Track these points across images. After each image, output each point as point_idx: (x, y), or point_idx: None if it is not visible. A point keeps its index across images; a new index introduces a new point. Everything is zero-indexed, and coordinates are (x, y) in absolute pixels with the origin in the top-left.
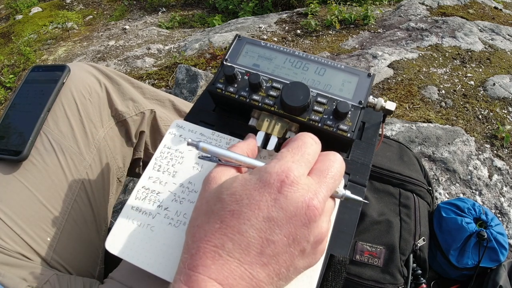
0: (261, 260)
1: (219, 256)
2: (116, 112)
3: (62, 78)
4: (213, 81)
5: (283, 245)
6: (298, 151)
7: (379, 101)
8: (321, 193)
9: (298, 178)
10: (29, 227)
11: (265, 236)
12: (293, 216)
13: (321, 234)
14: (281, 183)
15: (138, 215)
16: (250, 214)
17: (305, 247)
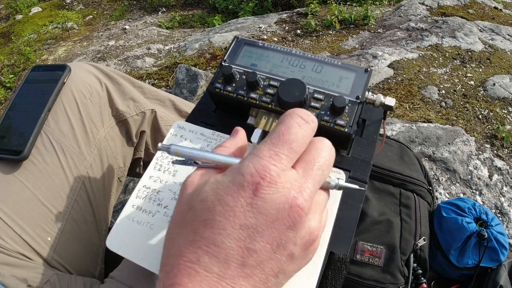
0: (244, 272)
1: (196, 272)
2: (117, 111)
3: (62, 78)
4: (212, 81)
5: (267, 253)
6: (278, 141)
7: (378, 97)
8: (307, 188)
9: (276, 176)
10: (29, 227)
11: (244, 245)
12: (275, 220)
13: (310, 234)
14: (257, 185)
15: (138, 213)
16: (225, 223)
17: (293, 251)
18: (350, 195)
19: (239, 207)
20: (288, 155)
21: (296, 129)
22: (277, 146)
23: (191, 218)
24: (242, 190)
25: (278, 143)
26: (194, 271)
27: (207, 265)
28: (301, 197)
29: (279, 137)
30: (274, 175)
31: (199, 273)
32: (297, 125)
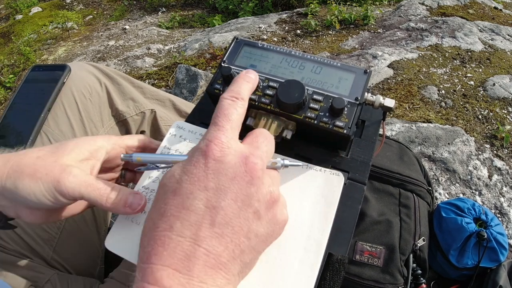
0: (215, 232)
1: (169, 239)
2: (117, 111)
3: (62, 78)
4: (211, 82)
5: (233, 210)
6: (217, 118)
7: (377, 98)
8: (258, 152)
9: (227, 142)
10: (29, 227)
11: (211, 204)
12: (234, 177)
13: (270, 194)
14: (211, 150)
15: (138, 214)
16: (192, 187)
17: (258, 208)
18: (349, 197)
19: (201, 172)
20: (231, 126)
21: (228, 106)
22: (219, 122)
23: (162, 193)
24: (200, 158)
25: (219, 119)
26: (167, 239)
27: (179, 230)
28: (253, 156)
29: (217, 116)
30: (224, 141)
31: (173, 239)
32: (228, 104)
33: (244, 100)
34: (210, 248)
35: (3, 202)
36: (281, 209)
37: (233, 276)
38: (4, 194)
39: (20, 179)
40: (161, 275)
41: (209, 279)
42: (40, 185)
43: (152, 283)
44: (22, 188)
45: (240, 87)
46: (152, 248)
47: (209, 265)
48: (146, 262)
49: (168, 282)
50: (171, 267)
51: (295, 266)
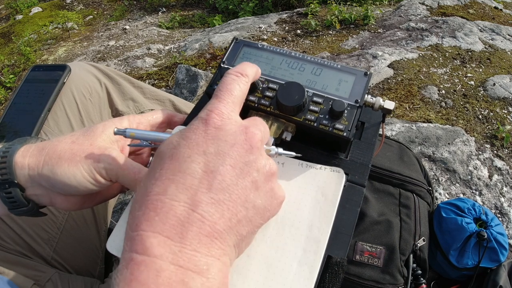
0: (211, 198)
1: (162, 203)
2: (117, 112)
3: (62, 78)
4: (211, 83)
5: (232, 176)
6: (220, 92)
7: (377, 100)
8: (256, 126)
9: (228, 114)
10: (29, 226)
11: (209, 169)
12: (234, 144)
13: (269, 166)
14: (212, 119)
15: None
16: (190, 151)
17: (256, 178)
18: (348, 199)
19: (201, 138)
20: (232, 100)
21: (231, 81)
22: (221, 95)
23: (158, 160)
24: (200, 125)
25: (221, 93)
26: (160, 203)
27: (174, 193)
28: (253, 127)
29: (220, 90)
30: (224, 112)
31: (166, 203)
32: (231, 79)
33: (248, 77)
34: (206, 214)
35: (38, 191)
36: (278, 184)
37: (228, 247)
38: (41, 181)
39: (58, 164)
40: (151, 242)
41: (203, 247)
42: (80, 167)
43: (141, 253)
44: (61, 173)
45: (245, 67)
46: (143, 213)
47: (204, 232)
48: (135, 229)
49: (159, 250)
50: (163, 233)
51: (293, 267)
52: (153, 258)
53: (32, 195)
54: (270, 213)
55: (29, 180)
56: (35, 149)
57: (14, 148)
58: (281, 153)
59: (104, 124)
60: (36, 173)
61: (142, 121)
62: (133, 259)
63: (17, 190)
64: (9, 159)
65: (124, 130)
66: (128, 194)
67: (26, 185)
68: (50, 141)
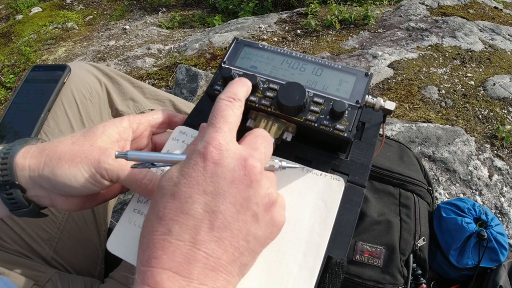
0: (214, 236)
1: (169, 243)
2: (117, 112)
3: (62, 78)
4: (211, 83)
5: (232, 213)
6: (215, 119)
7: (378, 100)
8: (256, 155)
9: (226, 144)
10: (29, 227)
11: (210, 208)
12: (233, 180)
13: (268, 196)
14: (210, 153)
15: (139, 217)
16: (190, 191)
17: (256, 211)
18: (348, 199)
19: (200, 175)
20: (228, 127)
21: (225, 107)
22: (217, 123)
23: (160, 196)
24: (198, 160)
25: (216, 121)
26: (167, 243)
27: (178, 234)
28: (251, 158)
29: (215, 117)
30: (222, 143)
31: (172, 243)
32: (225, 105)
33: (241, 101)
34: (210, 251)
35: (39, 192)
36: (278, 210)
37: (232, 277)
38: (41, 183)
39: (58, 166)
40: (161, 278)
41: (209, 281)
42: (81, 168)
43: (152, 286)
44: (61, 174)
45: (236, 89)
46: (152, 252)
47: (209, 267)
48: (146, 265)
49: (168, 284)
50: (171, 270)
51: (294, 270)
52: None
53: (33, 196)
54: (271, 239)
55: (30, 181)
56: (35, 150)
57: (15, 149)
58: (285, 166)
59: (104, 124)
60: (37, 174)
61: (143, 121)
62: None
63: (18, 191)
64: (9, 160)
65: (126, 153)
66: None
67: (27, 186)
68: (50, 142)
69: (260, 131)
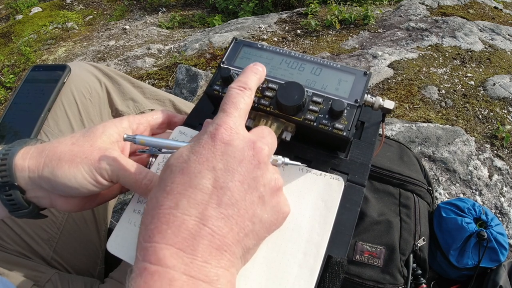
0: (221, 212)
1: (174, 217)
2: (117, 112)
3: (62, 78)
4: (210, 83)
5: (240, 192)
6: (226, 105)
7: (377, 99)
8: (263, 140)
9: (235, 128)
10: (29, 227)
11: (219, 184)
12: (242, 160)
13: (275, 180)
14: (221, 134)
15: (140, 217)
16: (200, 167)
17: (263, 193)
18: (348, 199)
19: (210, 153)
20: (239, 114)
21: (236, 95)
22: (227, 109)
23: (168, 173)
24: (209, 140)
25: (227, 107)
26: (173, 217)
27: (185, 208)
28: (260, 142)
29: (226, 103)
30: (232, 127)
31: (178, 217)
32: (236, 93)
33: (252, 90)
34: (216, 228)
35: (39, 193)
36: (284, 198)
37: (236, 259)
38: (41, 183)
39: (58, 166)
40: (164, 254)
41: (214, 259)
42: (81, 168)
43: (154, 263)
44: (61, 175)
45: (247, 78)
46: (156, 226)
47: (214, 245)
48: (148, 240)
49: (171, 261)
50: (175, 246)
51: (294, 270)
52: (166, 269)
53: (33, 197)
54: (275, 226)
55: (29, 182)
56: (35, 151)
57: (14, 150)
58: (288, 163)
59: (104, 125)
60: (37, 175)
61: (142, 121)
62: (147, 268)
63: (18, 192)
64: (9, 161)
65: (134, 137)
66: (128, 194)
67: (26, 188)
68: (50, 143)
69: (265, 127)
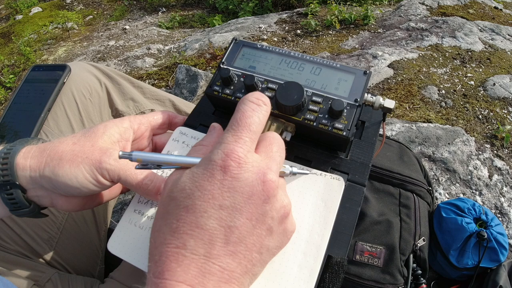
0: (228, 250)
1: (183, 256)
2: (117, 112)
3: (62, 78)
4: (210, 83)
5: (248, 228)
6: (238, 126)
7: (377, 99)
8: (273, 166)
9: (244, 157)
10: (29, 226)
11: (226, 224)
12: (251, 196)
13: (284, 208)
14: (228, 167)
15: (140, 218)
16: (206, 205)
17: (271, 225)
18: (348, 199)
19: (216, 189)
20: (250, 137)
21: (251, 113)
22: (238, 131)
23: (173, 207)
24: (216, 173)
25: (239, 128)
26: (181, 256)
27: (193, 248)
28: (270, 173)
29: (238, 123)
30: (241, 156)
31: (187, 257)
32: (251, 109)
33: (267, 106)
34: (224, 265)
35: (39, 193)
36: (291, 219)
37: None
38: (42, 183)
39: (59, 166)
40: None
41: None
42: (82, 168)
43: None
44: (62, 174)
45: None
46: (165, 264)
47: (223, 280)
48: (159, 277)
49: None
50: (186, 282)
51: (294, 270)
52: None
53: (34, 197)
54: (281, 249)
55: (30, 181)
56: (36, 150)
57: (16, 149)
58: (296, 172)
59: (105, 125)
60: (38, 174)
61: (143, 121)
62: None
63: (19, 191)
64: (10, 160)
65: (130, 154)
66: (128, 194)
67: (27, 187)
68: (51, 143)
69: (274, 136)
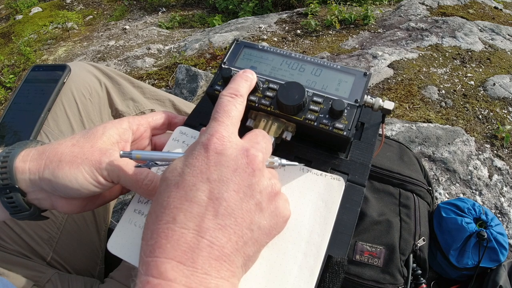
0: (218, 223)
1: (173, 231)
2: (117, 112)
3: (62, 78)
4: (211, 83)
5: (236, 201)
6: (218, 114)
7: (377, 100)
8: (257, 146)
9: (228, 137)
10: (29, 227)
11: (214, 196)
12: (236, 169)
13: (271, 186)
14: (213, 144)
15: (140, 217)
16: (194, 180)
17: (260, 200)
18: (348, 199)
19: (204, 165)
20: (231, 121)
21: (227, 103)
22: (219, 117)
23: (164, 187)
24: (202, 151)
25: (218, 115)
26: (171, 231)
27: (182, 221)
28: (253, 149)
29: (217, 112)
30: (225, 135)
31: (176, 231)
32: (227, 101)
33: (243, 97)
34: (214, 239)
35: (39, 195)
36: (283, 202)
37: (237, 268)
38: (42, 186)
39: (59, 168)
40: (165, 268)
41: (213, 270)
42: (82, 170)
43: (156, 276)
44: (62, 176)
45: (238, 85)
46: (156, 241)
47: (213, 256)
48: (149, 255)
49: (173, 274)
50: (175, 259)
51: (294, 270)
52: (168, 282)
53: (34, 199)
54: (276, 231)
55: (30, 184)
56: (35, 153)
57: (14, 152)
58: (285, 164)
59: (104, 126)
60: (37, 177)
61: (142, 122)
62: (149, 282)
63: (18, 195)
64: (9, 164)
65: (130, 153)
66: (128, 194)
67: (27, 190)
68: (50, 144)
69: (259, 130)
